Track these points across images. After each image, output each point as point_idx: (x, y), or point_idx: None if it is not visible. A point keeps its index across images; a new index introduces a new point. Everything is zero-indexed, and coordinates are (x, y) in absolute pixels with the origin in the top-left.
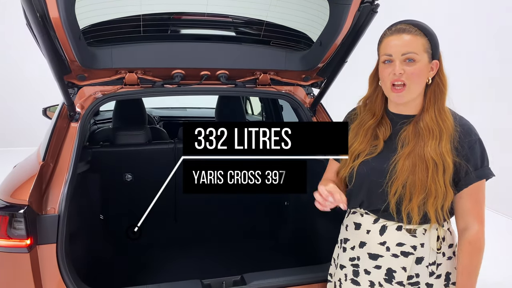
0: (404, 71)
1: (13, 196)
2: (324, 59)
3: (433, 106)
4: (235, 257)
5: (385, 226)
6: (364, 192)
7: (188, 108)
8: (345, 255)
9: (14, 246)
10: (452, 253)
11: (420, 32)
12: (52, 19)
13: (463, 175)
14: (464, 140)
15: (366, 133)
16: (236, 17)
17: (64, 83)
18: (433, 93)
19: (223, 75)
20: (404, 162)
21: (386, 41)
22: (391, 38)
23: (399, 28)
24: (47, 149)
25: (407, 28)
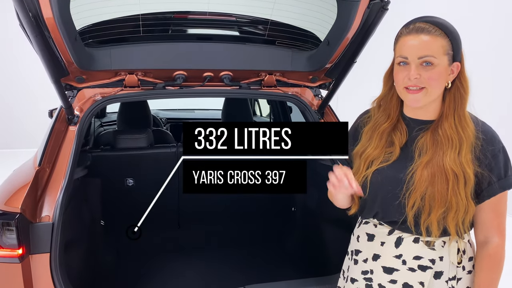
0: (420, 76)
1: (6, 203)
2: (332, 59)
3: (453, 112)
4: (239, 266)
5: (401, 238)
6: (379, 203)
7: (196, 110)
8: (357, 268)
9: (6, 256)
10: (473, 266)
11: (441, 32)
12: (46, 19)
13: (486, 185)
14: (487, 149)
15: (381, 138)
16: (239, 16)
17: (60, 86)
18: (453, 98)
19: (226, 77)
20: (422, 173)
21: (402, 41)
22: (407, 38)
23: (418, 27)
24: (43, 153)
25: (426, 28)
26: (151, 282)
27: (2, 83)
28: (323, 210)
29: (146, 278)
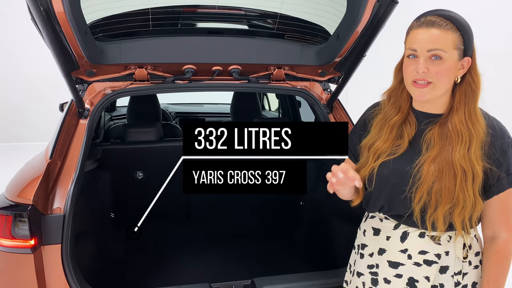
0: (428, 69)
1: (19, 195)
2: (341, 53)
3: (463, 107)
4: (247, 260)
5: (407, 232)
6: (385, 196)
7: (205, 104)
8: (363, 262)
9: (18, 247)
10: (479, 261)
11: (452, 25)
12: (57, 13)
13: (495, 181)
14: (496, 144)
15: (391, 130)
16: (248, 10)
17: (71, 79)
18: (464, 93)
19: (235, 71)
20: (429, 167)
21: (413, 34)
22: (418, 31)
23: (429, 20)
24: (54, 146)
25: (437, 21)
26: (160, 274)
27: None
28: (331, 204)
29: (155, 270)
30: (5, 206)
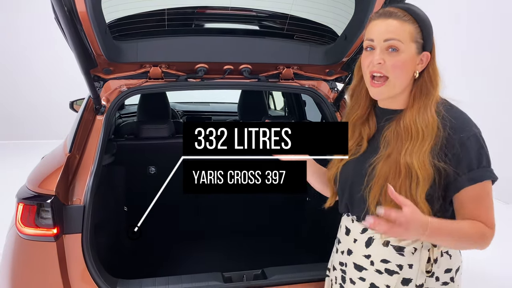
0: (384, 61)
1: (40, 186)
2: (349, 53)
3: (417, 104)
4: (257, 252)
5: (372, 238)
6: (347, 196)
7: (212, 103)
8: (337, 257)
9: (42, 235)
10: (450, 279)
11: (411, 17)
12: (79, 13)
13: (452, 179)
14: (454, 138)
15: (353, 129)
16: (260, 11)
17: (90, 77)
18: (419, 90)
19: (246, 70)
20: (382, 166)
21: (371, 25)
22: (376, 22)
23: (387, 11)
24: (73, 141)
25: (395, 12)
26: (171, 266)
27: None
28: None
29: (166, 262)
30: (29, 197)
